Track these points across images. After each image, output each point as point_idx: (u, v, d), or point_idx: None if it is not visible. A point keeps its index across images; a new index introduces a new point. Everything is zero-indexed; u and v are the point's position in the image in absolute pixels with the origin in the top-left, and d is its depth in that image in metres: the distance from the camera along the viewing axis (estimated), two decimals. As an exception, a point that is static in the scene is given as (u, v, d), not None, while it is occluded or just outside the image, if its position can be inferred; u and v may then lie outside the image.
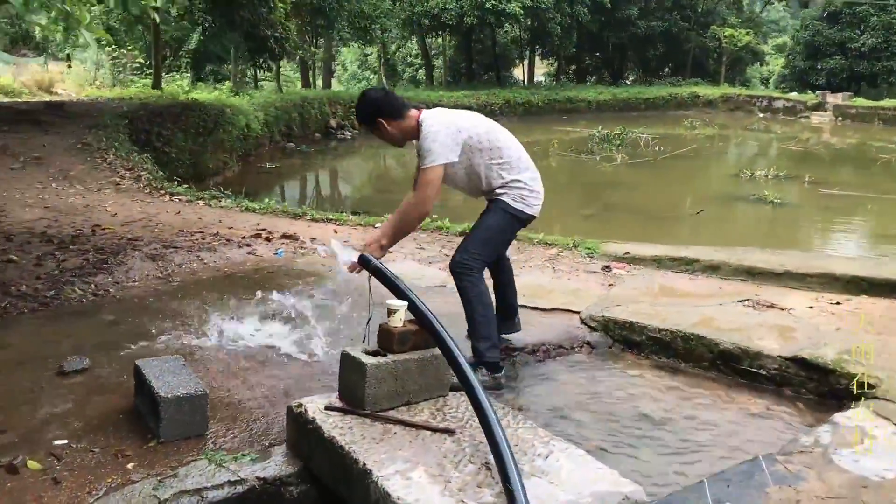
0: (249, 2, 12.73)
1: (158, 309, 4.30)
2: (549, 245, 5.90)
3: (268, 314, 4.21)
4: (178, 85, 17.79)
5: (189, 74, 23.33)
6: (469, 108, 28.65)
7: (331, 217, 6.71)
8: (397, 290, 3.15)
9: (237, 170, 15.07)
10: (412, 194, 3.59)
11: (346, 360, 2.99)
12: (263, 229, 6.12)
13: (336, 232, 6.23)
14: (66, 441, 2.85)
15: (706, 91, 34.73)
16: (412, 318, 3.07)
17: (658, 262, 5.51)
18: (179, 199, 7.21)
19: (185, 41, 25.58)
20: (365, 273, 3.31)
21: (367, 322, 3.35)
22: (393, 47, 35.45)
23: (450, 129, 3.54)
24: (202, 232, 5.85)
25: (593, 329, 4.46)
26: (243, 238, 5.79)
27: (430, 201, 3.53)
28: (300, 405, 2.94)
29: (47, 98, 17.82)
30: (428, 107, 3.87)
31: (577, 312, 4.61)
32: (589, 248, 5.72)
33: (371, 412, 2.87)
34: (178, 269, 5.05)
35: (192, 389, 3.04)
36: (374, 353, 3.03)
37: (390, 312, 3.13)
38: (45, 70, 20.71)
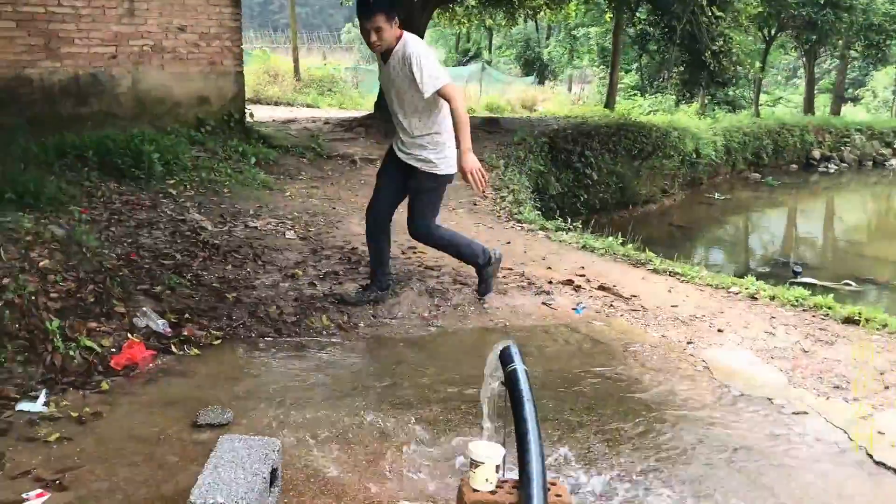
0: (686, 9, 11.22)
1: (375, 366, 3.60)
2: None
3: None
4: (638, 105, 17.11)
5: (673, 96, 22.54)
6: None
7: (676, 270, 5.23)
8: (519, 419, 1.93)
9: (679, 198, 13.73)
10: (453, 104, 3.81)
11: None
12: (582, 275, 4.98)
13: (670, 291, 4.78)
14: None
15: None
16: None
17: None
18: (522, 227, 6.43)
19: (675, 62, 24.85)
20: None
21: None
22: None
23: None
24: (511, 269, 4.97)
25: None
26: (549, 283, 4.76)
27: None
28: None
29: (526, 114, 18.78)
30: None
31: None
32: None
33: None
34: (450, 311, 4.28)
35: (235, 499, 2.23)
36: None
37: (473, 464, 1.91)
38: (532, 88, 21.99)
